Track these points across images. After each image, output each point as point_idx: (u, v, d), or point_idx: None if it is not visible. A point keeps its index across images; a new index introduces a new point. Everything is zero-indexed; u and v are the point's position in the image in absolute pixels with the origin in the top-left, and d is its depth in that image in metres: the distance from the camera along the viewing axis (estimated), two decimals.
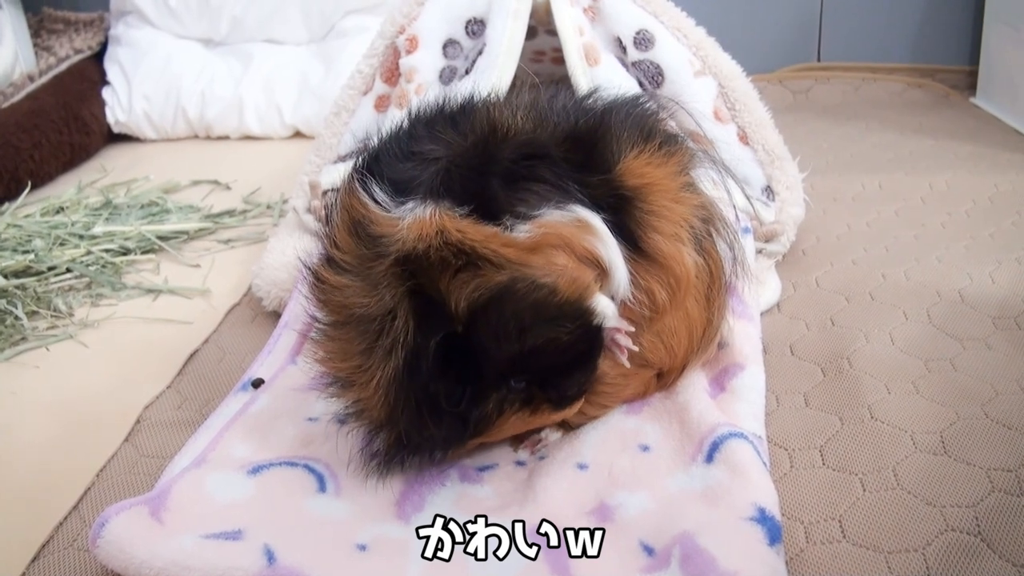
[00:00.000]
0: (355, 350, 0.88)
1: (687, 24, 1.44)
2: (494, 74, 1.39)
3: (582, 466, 0.98)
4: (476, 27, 1.45)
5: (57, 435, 1.14)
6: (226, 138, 2.41)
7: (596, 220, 0.89)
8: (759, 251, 1.40)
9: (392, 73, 1.50)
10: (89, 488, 1.04)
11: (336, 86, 1.59)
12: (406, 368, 0.84)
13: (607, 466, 0.98)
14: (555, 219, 0.87)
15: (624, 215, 0.93)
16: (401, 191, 0.89)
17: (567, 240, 0.87)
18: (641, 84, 1.45)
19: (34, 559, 0.93)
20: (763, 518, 0.84)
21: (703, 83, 1.42)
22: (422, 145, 0.94)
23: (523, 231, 0.85)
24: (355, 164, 0.97)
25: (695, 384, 1.06)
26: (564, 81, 1.41)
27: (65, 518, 0.98)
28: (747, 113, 1.43)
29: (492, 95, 1.02)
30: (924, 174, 1.79)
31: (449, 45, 1.47)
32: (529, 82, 1.69)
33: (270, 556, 0.84)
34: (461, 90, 1.37)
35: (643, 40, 1.41)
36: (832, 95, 2.30)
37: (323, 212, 0.97)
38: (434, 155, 0.91)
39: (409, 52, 1.46)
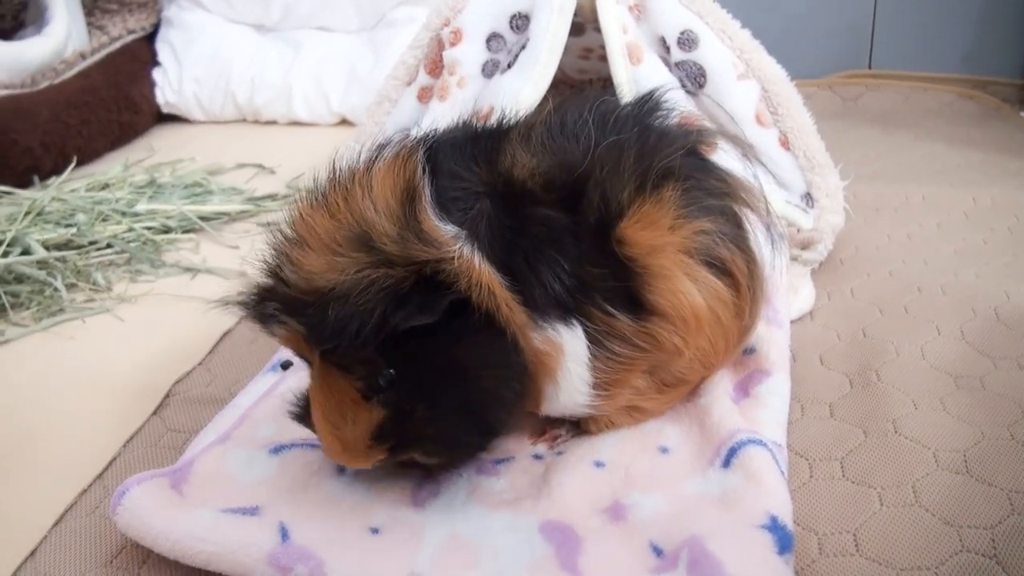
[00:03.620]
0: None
1: (733, 26, 1.43)
2: (536, 70, 1.39)
3: (599, 464, 0.98)
4: (520, 22, 1.46)
5: (87, 405, 1.17)
6: (274, 123, 2.44)
7: (576, 349, 0.91)
8: (794, 258, 1.38)
9: (436, 65, 1.51)
10: (115, 458, 1.06)
11: (384, 75, 1.60)
12: None
13: (625, 466, 0.98)
14: (551, 336, 0.89)
15: (624, 280, 0.92)
16: (445, 206, 0.89)
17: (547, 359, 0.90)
18: (683, 85, 1.44)
19: (56, 523, 0.95)
20: (775, 526, 0.83)
21: (746, 86, 1.41)
22: (466, 167, 0.93)
23: (538, 340, 0.89)
24: (422, 139, 0.96)
25: (718, 387, 1.06)
26: (610, 80, 1.42)
27: (89, 486, 1.01)
28: (789, 118, 1.42)
29: (517, 123, 0.99)
30: (969, 187, 1.76)
31: (493, 39, 1.47)
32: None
33: (284, 533, 0.86)
34: (497, 91, 1.39)
35: (687, 40, 1.40)
36: (882, 103, 2.27)
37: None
38: (475, 189, 0.91)
39: (453, 44, 1.47)
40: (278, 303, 0.87)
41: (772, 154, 1.42)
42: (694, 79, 1.41)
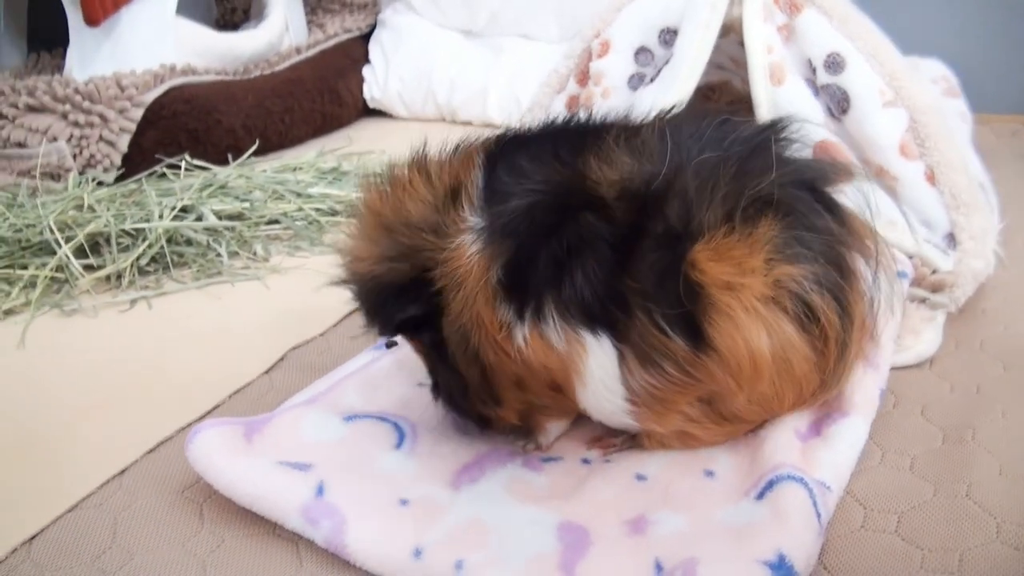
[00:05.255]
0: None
1: (886, 51, 1.36)
2: (677, 84, 1.40)
3: (641, 477, 0.99)
4: (669, 36, 1.46)
5: (210, 356, 1.32)
6: (469, 123, 2.57)
7: (594, 349, 0.90)
8: (922, 300, 1.30)
9: (584, 75, 1.55)
10: (219, 405, 1.19)
11: (539, 83, 1.66)
12: None
13: (665, 483, 0.98)
14: (567, 336, 0.90)
15: (687, 304, 0.87)
16: (493, 199, 0.93)
17: (546, 364, 0.92)
18: (829, 109, 1.39)
19: (150, 451, 1.09)
20: (780, 565, 0.81)
21: (892, 114, 1.34)
22: (536, 162, 0.94)
23: (521, 337, 0.90)
24: (500, 133, 1.01)
25: (786, 421, 1.02)
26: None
27: (188, 424, 1.13)
28: (937, 152, 1.33)
29: (620, 125, 0.98)
30: None
31: (641, 52, 1.49)
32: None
33: (320, 489, 0.94)
34: (639, 104, 1.40)
35: (833, 64, 1.35)
36: None
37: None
38: (530, 186, 0.92)
39: (600, 56, 1.50)
40: (346, 282, 0.97)
41: (916, 188, 1.34)
42: (838, 103, 1.36)
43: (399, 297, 0.92)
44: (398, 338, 1.31)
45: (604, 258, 0.89)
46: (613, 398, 0.93)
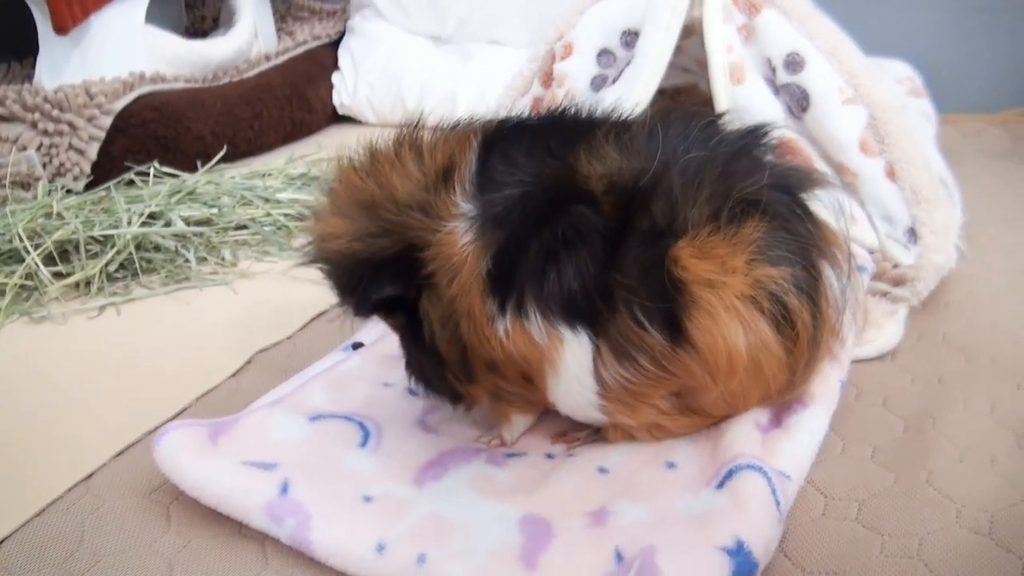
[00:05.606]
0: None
1: (845, 49, 1.38)
2: (639, 85, 1.41)
3: (603, 470, 1.00)
4: (630, 38, 1.48)
5: (177, 360, 1.32)
6: None
7: (571, 344, 0.91)
8: (884, 294, 1.32)
9: (548, 77, 1.56)
10: (186, 408, 1.19)
11: (504, 86, 1.67)
12: None
13: (628, 475, 0.98)
14: (532, 334, 0.91)
15: (668, 299, 0.88)
16: (485, 186, 0.93)
17: (524, 356, 0.92)
18: (789, 108, 1.41)
19: (118, 454, 1.09)
20: (738, 551, 0.82)
21: (851, 112, 1.36)
22: (528, 153, 0.94)
23: (502, 329, 0.91)
24: (496, 121, 1.00)
25: (747, 414, 1.03)
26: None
27: (155, 428, 1.13)
28: (897, 148, 1.35)
29: (611, 121, 0.99)
30: None
31: (603, 54, 1.51)
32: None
33: (284, 487, 0.94)
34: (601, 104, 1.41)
35: (793, 63, 1.37)
36: None
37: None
38: (521, 177, 0.92)
39: (564, 58, 1.51)
40: (315, 261, 0.98)
41: (876, 184, 1.36)
42: (798, 102, 1.38)
43: (376, 275, 0.92)
44: (366, 339, 1.32)
45: (593, 250, 0.89)
46: (585, 391, 0.94)
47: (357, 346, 1.29)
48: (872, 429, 1.08)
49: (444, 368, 0.96)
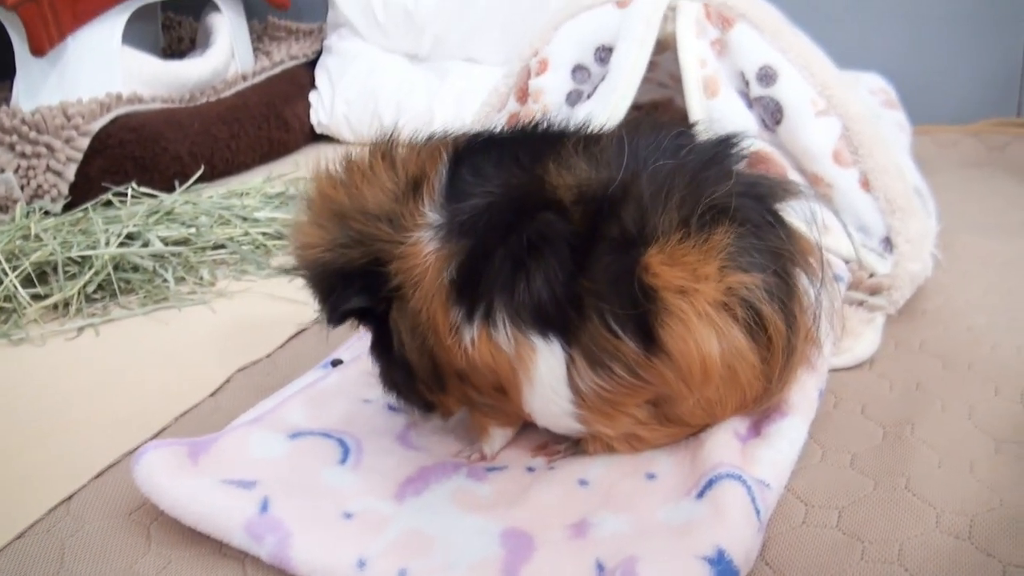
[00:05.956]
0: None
1: (818, 62, 1.40)
2: (613, 98, 1.42)
3: (583, 482, 1.00)
4: (604, 54, 1.49)
5: (156, 381, 1.31)
6: None
7: (544, 353, 0.91)
8: (860, 303, 1.33)
9: (523, 93, 1.57)
10: (166, 427, 1.18)
11: (480, 102, 1.68)
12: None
13: (608, 487, 0.98)
14: (500, 343, 0.91)
15: (639, 306, 0.88)
16: (455, 197, 0.94)
17: (491, 365, 0.92)
18: (763, 121, 1.43)
19: (98, 475, 1.08)
20: (719, 560, 0.82)
21: (825, 123, 1.37)
22: (497, 165, 0.95)
23: (468, 338, 0.91)
24: (466, 134, 1.02)
25: (726, 424, 1.03)
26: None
27: (135, 448, 1.12)
28: (870, 158, 1.36)
29: (580, 133, 1.00)
30: None
31: (578, 70, 1.52)
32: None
33: (264, 505, 0.93)
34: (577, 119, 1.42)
35: (766, 76, 1.39)
36: None
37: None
38: (490, 188, 0.93)
39: (539, 74, 1.52)
40: (296, 269, 1.01)
41: (851, 195, 1.37)
42: (771, 115, 1.39)
43: (345, 286, 0.93)
44: (345, 356, 1.32)
45: (562, 258, 0.89)
46: (560, 401, 0.94)
47: (336, 363, 1.29)
48: (851, 436, 1.09)
49: (415, 379, 0.97)
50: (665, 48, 1.46)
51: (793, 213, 1.01)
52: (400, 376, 0.99)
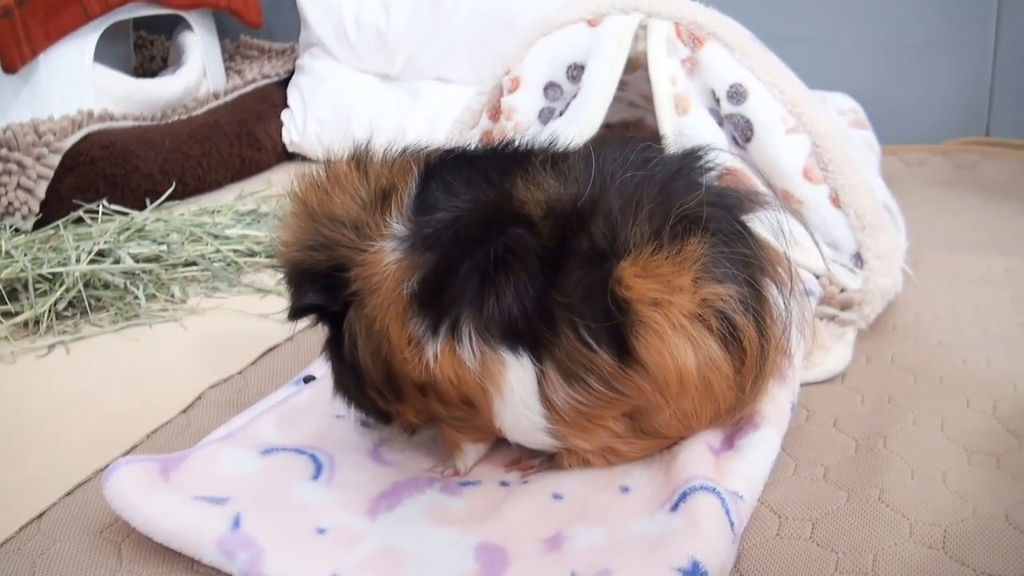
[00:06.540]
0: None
1: (787, 80, 1.42)
2: (585, 116, 1.43)
3: (557, 496, 0.99)
4: (576, 72, 1.50)
5: (127, 398, 1.30)
6: None
7: (514, 368, 0.91)
8: (832, 317, 1.34)
9: (496, 111, 1.57)
10: (137, 445, 1.17)
11: (453, 119, 1.68)
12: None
13: (582, 500, 0.98)
14: (463, 358, 0.91)
15: (612, 318, 0.88)
16: (423, 210, 0.94)
17: (456, 381, 0.93)
18: (734, 138, 1.44)
19: (69, 492, 1.07)
20: (694, 571, 0.82)
21: (795, 140, 1.39)
22: (466, 180, 0.96)
23: (431, 353, 0.91)
24: (439, 148, 1.04)
25: (699, 437, 1.04)
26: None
27: (106, 466, 1.10)
28: (840, 175, 1.38)
29: (548, 150, 1.00)
30: None
31: (550, 88, 1.52)
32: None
33: (236, 522, 0.92)
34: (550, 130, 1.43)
35: (736, 94, 1.40)
36: (998, 172, 2.13)
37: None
38: (458, 202, 0.93)
39: (511, 92, 1.53)
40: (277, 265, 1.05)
41: (821, 211, 1.39)
42: (742, 132, 1.41)
43: (306, 283, 0.96)
44: (317, 373, 1.31)
45: (532, 271, 0.89)
46: (532, 416, 0.94)
47: (308, 379, 1.28)
48: (824, 449, 1.10)
49: (365, 384, 0.98)
50: (636, 67, 1.47)
51: (760, 224, 1.01)
52: (350, 379, 1.00)
